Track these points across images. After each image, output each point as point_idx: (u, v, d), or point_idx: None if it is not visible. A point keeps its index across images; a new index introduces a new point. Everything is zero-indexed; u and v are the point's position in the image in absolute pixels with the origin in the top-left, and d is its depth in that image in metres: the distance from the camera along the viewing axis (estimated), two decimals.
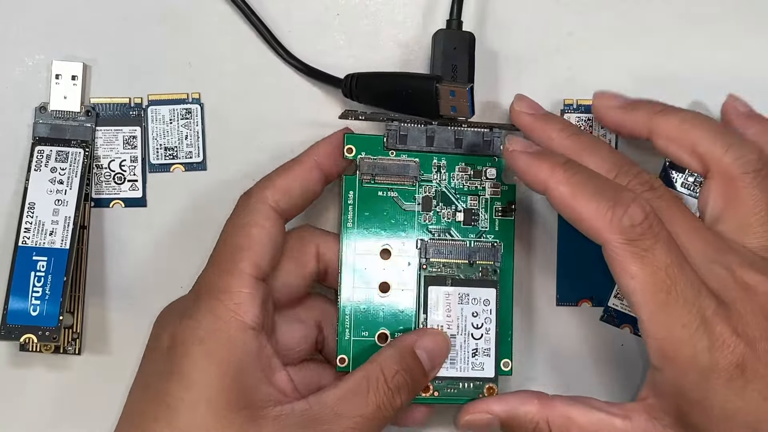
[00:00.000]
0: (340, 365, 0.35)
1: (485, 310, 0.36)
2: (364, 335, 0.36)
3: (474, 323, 0.36)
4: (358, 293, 0.36)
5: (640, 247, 0.31)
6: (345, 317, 0.36)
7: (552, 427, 0.33)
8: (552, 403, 0.34)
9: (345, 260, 0.36)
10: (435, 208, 0.37)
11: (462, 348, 0.36)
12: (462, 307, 0.36)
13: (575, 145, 0.35)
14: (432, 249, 0.36)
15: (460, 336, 0.36)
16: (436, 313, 0.36)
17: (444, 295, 0.36)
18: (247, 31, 0.39)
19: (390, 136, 0.37)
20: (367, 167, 0.36)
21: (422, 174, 0.37)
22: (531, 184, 0.34)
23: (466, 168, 0.37)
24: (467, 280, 0.36)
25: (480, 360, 0.36)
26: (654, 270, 0.31)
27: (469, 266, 0.36)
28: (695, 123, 0.35)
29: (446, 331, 0.36)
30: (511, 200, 0.37)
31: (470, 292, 0.36)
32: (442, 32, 0.37)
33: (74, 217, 0.36)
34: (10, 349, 0.38)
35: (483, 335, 0.36)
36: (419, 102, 0.36)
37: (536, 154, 0.34)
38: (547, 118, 0.37)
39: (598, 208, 0.32)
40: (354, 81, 0.37)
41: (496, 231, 0.37)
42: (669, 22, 0.39)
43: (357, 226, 0.36)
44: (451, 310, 0.36)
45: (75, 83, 0.38)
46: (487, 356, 0.36)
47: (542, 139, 0.36)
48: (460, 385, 0.36)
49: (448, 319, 0.36)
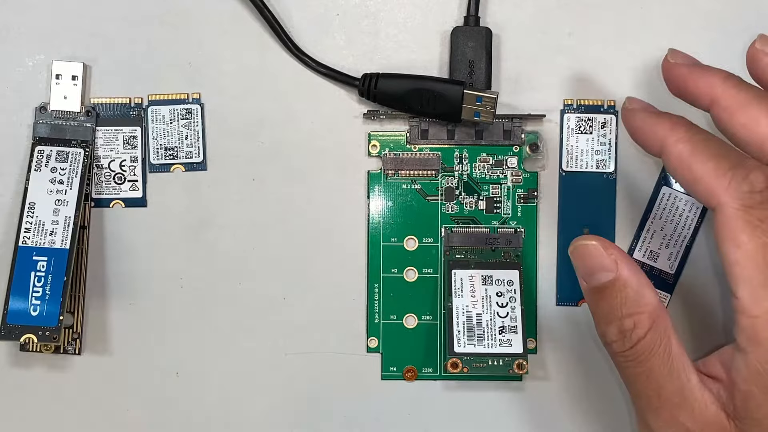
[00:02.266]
0: (371, 346, 0.38)
1: (509, 290, 0.37)
2: (393, 318, 0.38)
3: (499, 302, 0.37)
4: (386, 281, 0.38)
5: (756, 216, 0.29)
6: (374, 302, 0.38)
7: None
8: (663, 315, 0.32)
9: (372, 251, 0.38)
10: (458, 198, 0.38)
11: (489, 326, 0.37)
12: (486, 288, 0.37)
13: (741, 96, 0.32)
14: (456, 237, 0.38)
15: (486, 314, 0.37)
16: (461, 294, 0.37)
17: (468, 278, 0.37)
18: (247, 30, 0.39)
19: (412, 131, 0.38)
20: (390, 162, 0.38)
21: (444, 166, 0.38)
22: (647, 141, 0.32)
23: (487, 158, 0.38)
24: (490, 262, 0.38)
25: (507, 337, 0.37)
26: (765, 243, 0.29)
27: (491, 252, 0.38)
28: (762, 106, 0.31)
29: (472, 311, 0.37)
30: (533, 187, 0.38)
31: (493, 274, 0.37)
32: (459, 29, 0.38)
33: (74, 217, 0.37)
34: (10, 349, 0.38)
35: (509, 313, 0.37)
36: (442, 106, 0.37)
37: (656, 113, 0.33)
38: (707, 67, 0.34)
39: (718, 167, 0.30)
40: (373, 81, 0.37)
41: (518, 217, 0.38)
42: (669, 22, 0.39)
43: (382, 218, 0.38)
44: (475, 290, 0.37)
45: (75, 83, 0.38)
46: (514, 333, 0.37)
47: (703, 90, 0.33)
48: (489, 361, 0.37)
49: (473, 299, 0.37)
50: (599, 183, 0.39)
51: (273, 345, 0.39)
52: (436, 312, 0.38)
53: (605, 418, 0.39)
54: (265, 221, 0.39)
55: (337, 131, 0.39)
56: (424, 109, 0.37)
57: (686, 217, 0.39)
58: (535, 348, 0.39)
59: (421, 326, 0.38)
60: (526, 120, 0.38)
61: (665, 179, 0.39)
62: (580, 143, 0.39)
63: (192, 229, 0.39)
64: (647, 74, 0.39)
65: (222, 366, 0.39)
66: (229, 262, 0.39)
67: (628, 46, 0.39)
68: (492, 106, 0.36)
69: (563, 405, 0.39)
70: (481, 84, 0.38)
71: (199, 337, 0.39)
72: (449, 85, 0.37)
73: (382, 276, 0.38)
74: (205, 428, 0.39)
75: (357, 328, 0.39)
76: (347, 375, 0.39)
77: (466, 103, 0.36)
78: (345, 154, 0.39)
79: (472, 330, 0.37)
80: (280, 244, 0.39)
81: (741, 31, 0.39)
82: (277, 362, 0.39)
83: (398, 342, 0.38)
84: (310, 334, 0.39)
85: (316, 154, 0.39)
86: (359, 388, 0.39)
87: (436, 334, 0.39)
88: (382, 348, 0.38)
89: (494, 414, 0.39)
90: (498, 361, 0.37)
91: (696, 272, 0.39)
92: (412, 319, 0.38)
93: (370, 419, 0.39)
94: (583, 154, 0.39)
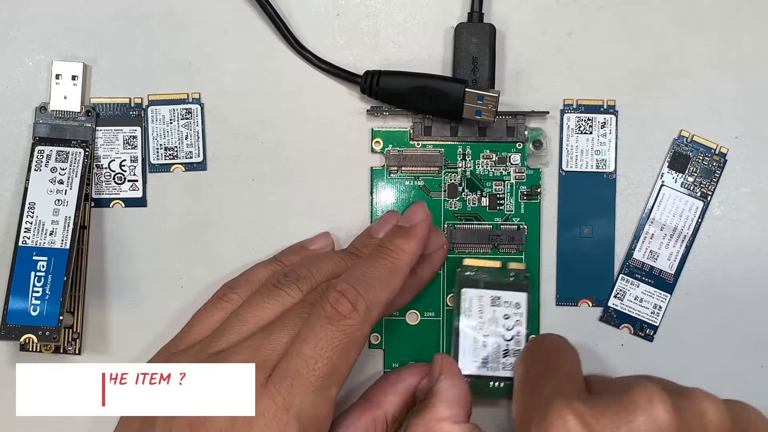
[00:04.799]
0: (374, 342, 0.38)
1: (516, 313, 0.37)
2: (395, 315, 0.38)
3: (505, 325, 0.37)
4: None
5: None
6: None
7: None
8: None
9: None
10: (461, 195, 0.38)
11: (493, 349, 0.37)
12: (494, 309, 0.37)
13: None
14: (459, 234, 0.38)
15: (491, 337, 0.37)
16: (470, 314, 0.37)
17: (477, 297, 0.37)
18: (248, 30, 0.39)
19: (415, 128, 0.38)
20: (393, 159, 0.38)
21: (447, 162, 0.38)
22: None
23: (490, 155, 0.38)
24: (500, 283, 0.37)
25: (510, 361, 0.37)
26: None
27: (500, 272, 0.38)
28: None
29: (479, 332, 0.37)
30: (536, 184, 0.38)
31: (502, 296, 0.37)
32: (464, 25, 0.38)
33: (74, 217, 0.37)
34: (10, 349, 0.38)
35: (514, 337, 0.37)
36: (443, 104, 0.37)
37: None
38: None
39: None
40: (376, 78, 0.37)
41: (521, 214, 0.38)
42: (669, 22, 0.39)
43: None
44: (483, 311, 0.37)
45: (75, 83, 0.38)
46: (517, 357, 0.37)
47: None
48: (490, 384, 0.37)
49: (480, 320, 0.37)
50: (599, 183, 0.39)
51: None
52: (438, 308, 0.39)
53: None
54: (265, 221, 0.39)
55: (339, 128, 0.39)
56: (426, 106, 0.37)
57: (686, 217, 0.39)
58: None
59: (423, 322, 0.39)
60: (530, 117, 0.38)
61: (665, 179, 0.39)
62: (580, 143, 0.39)
63: (192, 229, 0.39)
64: (647, 74, 0.39)
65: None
66: (229, 262, 0.39)
67: (628, 46, 0.39)
68: (493, 105, 0.36)
69: None
70: (485, 81, 0.38)
71: None
72: (451, 84, 0.37)
73: None
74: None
75: None
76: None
77: (468, 101, 0.36)
78: (348, 150, 0.39)
79: (478, 352, 0.37)
80: (280, 244, 0.39)
81: (740, 31, 0.39)
82: None
83: (401, 338, 0.38)
84: None
85: (318, 152, 0.39)
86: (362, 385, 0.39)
87: (438, 331, 0.39)
88: (385, 344, 0.39)
89: (493, 413, 0.39)
90: (500, 384, 0.37)
91: (696, 272, 0.39)
92: (415, 316, 0.39)
93: None
94: (583, 153, 0.39)
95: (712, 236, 0.39)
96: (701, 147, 0.39)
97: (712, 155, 0.39)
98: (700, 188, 0.39)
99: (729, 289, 0.39)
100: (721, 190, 0.39)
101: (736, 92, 0.39)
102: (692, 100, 0.39)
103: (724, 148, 0.39)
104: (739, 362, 0.39)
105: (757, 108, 0.39)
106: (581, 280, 0.39)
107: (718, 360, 0.39)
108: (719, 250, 0.39)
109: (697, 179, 0.39)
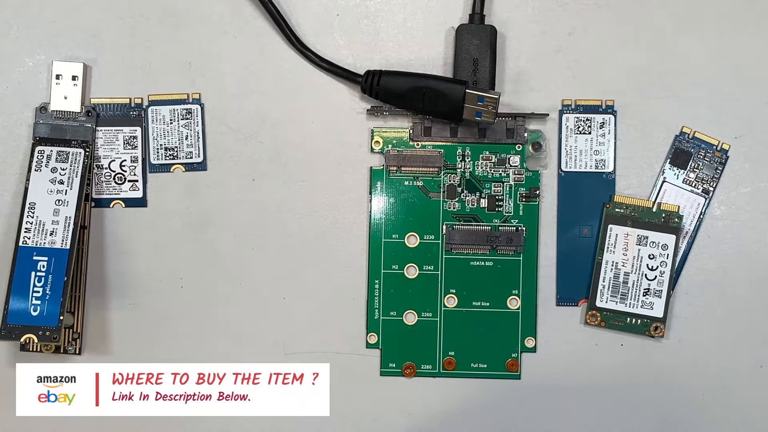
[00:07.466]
0: (371, 342, 0.38)
1: (662, 254, 0.37)
2: (392, 315, 0.38)
3: (650, 265, 0.37)
4: (386, 277, 0.38)
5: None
6: (374, 299, 0.38)
7: None
8: None
9: (373, 247, 0.38)
10: (460, 196, 0.38)
11: (634, 285, 0.37)
12: (639, 248, 0.37)
13: None
14: (457, 234, 0.38)
15: (633, 274, 0.37)
16: (614, 250, 0.37)
17: (624, 235, 0.37)
18: (248, 30, 0.39)
19: (415, 128, 0.38)
20: (393, 159, 0.38)
21: (447, 163, 0.38)
22: None
23: (489, 156, 0.39)
24: (649, 223, 0.38)
25: (651, 300, 0.37)
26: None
27: (652, 212, 0.37)
28: None
29: (620, 269, 0.37)
30: (534, 186, 0.38)
31: (649, 235, 0.37)
32: (465, 27, 0.38)
33: (74, 217, 0.37)
34: (10, 349, 0.38)
35: (657, 277, 0.37)
36: (444, 105, 0.37)
37: None
38: None
39: None
40: (376, 78, 0.37)
41: (520, 216, 0.38)
42: (668, 22, 0.39)
43: (384, 214, 0.38)
44: (628, 249, 0.37)
45: (75, 83, 0.38)
46: (658, 297, 0.37)
47: None
48: (627, 319, 0.37)
49: (624, 257, 0.37)
50: (598, 183, 0.39)
51: (273, 344, 0.39)
52: (436, 309, 0.39)
53: (604, 417, 0.39)
54: (265, 221, 0.39)
55: (339, 128, 0.39)
56: (426, 107, 0.37)
57: (688, 213, 0.39)
58: (534, 347, 0.39)
59: (420, 323, 0.39)
60: (529, 119, 0.38)
61: (667, 175, 0.39)
62: (578, 143, 0.39)
63: (192, 229, 0.39)
64: (647, 74, 0.39)
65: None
66: (229, 262, 0.39)
67: (628, 46, 0.39)
68: (494, 106, 0.36)
69: (562, 404, 0.39)
70: (485, 82, 0.38)
71: (199, 337, 0.39)
72: (451, 85, 0.37)
73: (382, 272, 0.38)
74: (206, 428, 0.39)
75: (357, 326, 0.39)
76: (346, 371, 0.39)
77: (468, 102, 0.36)
78: (347, 150, 0.39)
79: (618, 287, 0.37)
80: (280, 244, 0.39)
81: (740, 32, 0.39)
82: (278, 361, 0.39)
83: (398, 338, 0.39)
84: (310, 333, 0.39)
85: (318, 152, 0.39)
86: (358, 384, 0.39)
87: (435, 331, 0.39)
88: (382, 344, 0.39)
89: (492, 412, 0.39)
90: (636, 321, 0.37)
91: (696, 272, 0.39)
92: (412, 316, 0.39)
93: (368, 415, 0.39)
94: (582, 154, 0.39)
95: (712, 236, 0.39)
96: (703, 143, 0.39)
97: (714, 151, 0.39)
98: (701, 184, 0.39)
99: (729, 289, 0.39)
100: (721, 190, 0.39)
101: (736, 92, 0.39)
102: (692, 101, 0.39)
103: (726, 144, 0.39)
104: (739, 362, 0.39)
105: (757, 108, 0.39)
106: (581, 280, 0.39)
107: (718, 360, 0.39)
108: (719, 250, 0.39)
109: (698, 175, 0.39)
